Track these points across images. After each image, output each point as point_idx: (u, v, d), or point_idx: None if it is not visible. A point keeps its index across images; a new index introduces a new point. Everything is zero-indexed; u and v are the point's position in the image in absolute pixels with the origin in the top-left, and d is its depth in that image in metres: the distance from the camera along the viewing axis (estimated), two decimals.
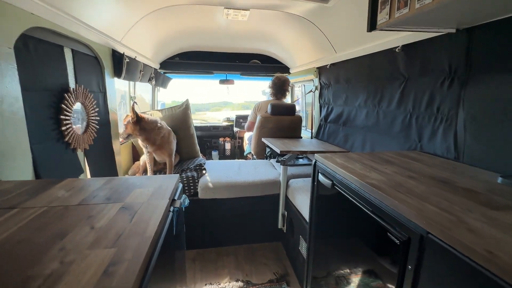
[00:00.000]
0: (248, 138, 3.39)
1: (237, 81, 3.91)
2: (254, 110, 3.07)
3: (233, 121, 4.16)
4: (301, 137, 2.79)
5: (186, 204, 0.95)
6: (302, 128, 3.30)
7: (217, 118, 4.84)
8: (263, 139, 2.49)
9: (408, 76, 1.50)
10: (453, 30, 1.12)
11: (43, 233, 0.56)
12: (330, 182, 1.14)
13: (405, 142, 1.55)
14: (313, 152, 2.11)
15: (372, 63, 1.83)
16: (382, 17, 0.96)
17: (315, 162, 1.31)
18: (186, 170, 2.29)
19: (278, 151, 2.06)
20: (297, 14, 2.11)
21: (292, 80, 3.73)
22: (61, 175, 1.21)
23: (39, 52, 1.11)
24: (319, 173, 1.26)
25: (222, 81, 3.85)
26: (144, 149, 2.16)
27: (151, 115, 2.55)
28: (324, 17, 1.99)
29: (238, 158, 4.01)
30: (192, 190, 2.05)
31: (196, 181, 2.07)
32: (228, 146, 4.04)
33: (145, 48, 2.52)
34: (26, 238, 0.53)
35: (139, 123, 2.03)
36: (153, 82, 3.05)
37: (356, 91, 2.08)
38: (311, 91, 2.89)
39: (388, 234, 0.77)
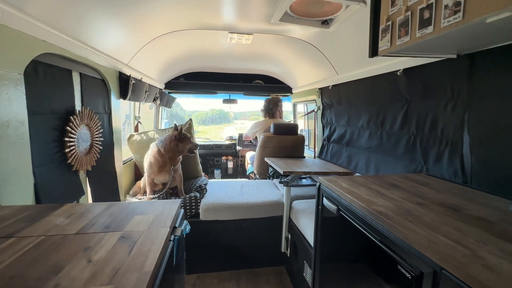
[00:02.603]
0: (250, 158, 3.39)
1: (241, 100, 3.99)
2: (251, 129, 3.19)
3: (235, 139, 4.18)
4: (304, 157, 2.77)
5: (187, 230, 0.92)
6: (305, 147, 3.31)
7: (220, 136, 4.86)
8: (266, 159, 2.47)
9: (410, 99, 1.51)
10: (454, 56, 1.14)
11: (38, 267, 0.53)
12: (336, 207, 1.11)
13: (411, 164, 1.53)
14: (317, 173, 2.09)
15: (373, 85, 1.85)
16: (383, 44, 0.98)
17: (320, 185, 1.28)
18: (189, 191, 2.26)
19: (281, 172, 2.04)
20: (299, 38, 2.17)
21: (294, 100, 3.78)
22: (62, 198, 1.20)
23: (48, 76, 1.14)
24: (324, 197, 1.23)
25: (226, 101, 3.92)
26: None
27: (153, 134, 2.57)
28: (325, 41, 2.04)
29: (241, 177, 3.98)
30: (193, 211, 2.00)
31: (198, 202, 2.04)
32: (230, 164, 4.02)
33: (150, 69, 2.59)
34: (19, 274, 0.51)
35: None
36: (158, 102, 3.10)
37: (358, 112, 2.08)
38: (313, 111, 2.92)
39: (399, 266, 0.73)
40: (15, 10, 0.89)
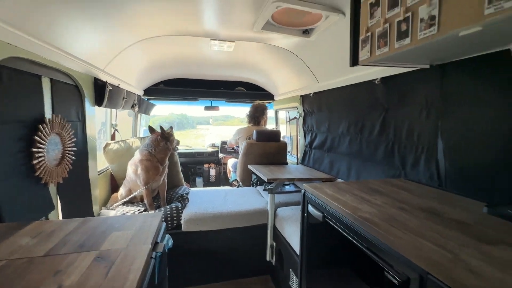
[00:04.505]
0: (232, 166, 3.35)
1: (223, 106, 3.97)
2: (235, 135, 3.14)
3: (218, 147, 4.12)
4: (287, 163, 2.78)
5: (169, 245, 0.88)
6: (288, 153, 3.33)
7: (202, 143, 4.77)
8: (249, 166, 2.45)
9: (388, 106, 1.57)
10: (427, 66, 1.21)
11: None
12: (321, 214, 1.11)
13: (389, 169, 1.58)
14: (300, 180, 2.10)
15: (353, 93, 1.92)
16: (363, 54, 1.01)
17: (304, 192, 1.28)
18: (170, 200, 2.17)
19: (265, 179, 2.03)
20: (281, 46, 2.20)
21: (276, 107, 3.82)
22: (29, 214, 1.09)
23: (14, 82, 1.04)
24: (309, 204, 1.23)
25: (208, 108, 3.88)
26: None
27: (132, 142, 2.46)
28: (306, 50, 2.09)
29: (223, 185, 3.91)
30: (175, 222, 1.92)
31: (180, 212, 1.96)
32: (213, 172, 3.95)
33: (129, 75, 2.50)
34: None
35: None
36: (136, 109, 2.99)
37: (338, 119, 2.14)
38: (295, 117, 2.96)
39: (385, 273, 0.74)
40: None
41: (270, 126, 3.85)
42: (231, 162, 3.51)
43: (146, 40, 1.97)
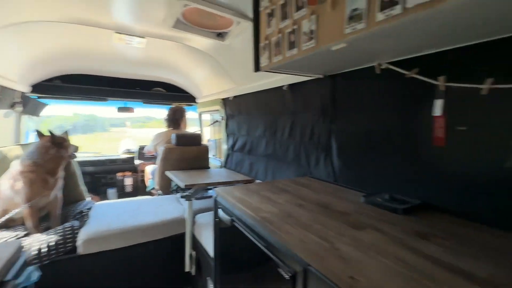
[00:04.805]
0: (151, 172, 3.08)
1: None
2: (153, 141, 2.91)
3: (134, 153, 3.72)
4: (209, 167, 2.73)
5: (34, 279, 0.70)
6: (213, 157, 3.28)
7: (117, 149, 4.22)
8: (166, 173, 2.29)
9: (295, 111, 1.72)
10: (321, 76, 1.36)
11: None
12: (230, 218, 1.10)
13: (299, 168, 1.72)
14: (220, 184, 2.07)
15: (267, 98, 2.02)
16: (264, 60, 1.06)
17: (216, 197, 1.26)
18: (65, 219, 1.81)
19: (183, 185, 1.92)
20: (198, 48, 2.14)
21: (200, 109, 3.72)
22: None
23: None
24: (220, 209, 1.21)
25: (121, 109, 3.46)
26: None
27: (8, 150, 1.96)
28: (223, 53, 2.10)
29: (142, 195, 3.55)
30: (69, 246, 1.61)
31: (76, 232, 1.65)
32: (129, 181, 3.53)
33: (5, 67, 1.98)
34: None
35: None
36: (19, 109, 2.40)
37: (256, 122, 2.22)
38: (216, 121, 2.94)
39: (278, 269, 0.77)
40: None
41: (193, 129, 3.72)
42: (149, 168, 3.22)
43: (23, 25, 1.59)
